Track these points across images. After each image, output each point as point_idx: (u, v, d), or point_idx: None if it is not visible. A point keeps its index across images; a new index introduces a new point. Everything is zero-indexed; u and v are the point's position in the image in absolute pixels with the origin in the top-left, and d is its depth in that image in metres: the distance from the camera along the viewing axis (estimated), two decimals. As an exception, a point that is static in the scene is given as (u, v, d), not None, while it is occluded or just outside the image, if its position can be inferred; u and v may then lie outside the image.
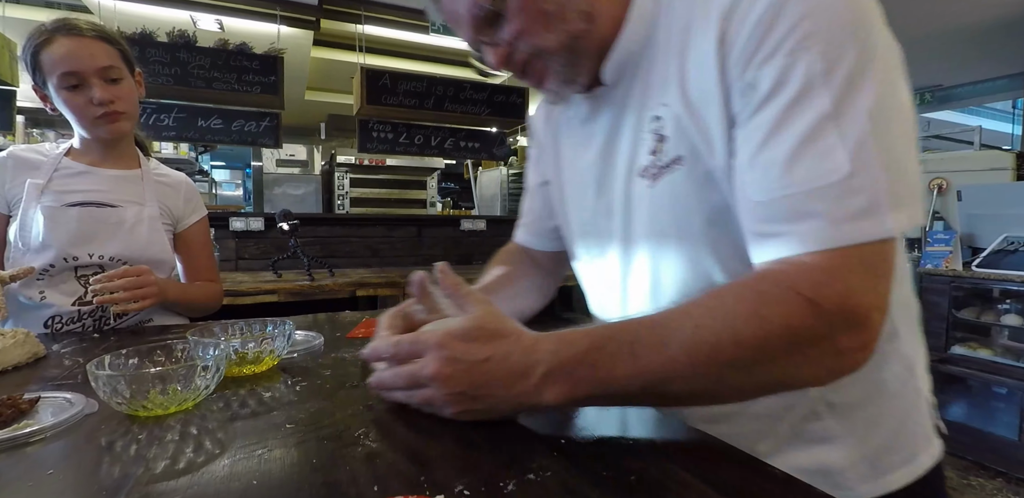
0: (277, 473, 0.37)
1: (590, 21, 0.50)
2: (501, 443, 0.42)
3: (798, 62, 0.40)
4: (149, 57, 2.74)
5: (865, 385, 0.51)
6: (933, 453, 0.55)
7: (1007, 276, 2.29)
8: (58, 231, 0.95)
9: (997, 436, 2.24)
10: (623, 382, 0.40)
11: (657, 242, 0.53)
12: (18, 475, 0.38)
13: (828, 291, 0.37)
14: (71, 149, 1.03)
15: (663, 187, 0.50)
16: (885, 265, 0.39)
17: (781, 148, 0.40)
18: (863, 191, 0.38)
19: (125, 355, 0.53)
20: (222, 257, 2.78)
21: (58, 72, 0.91)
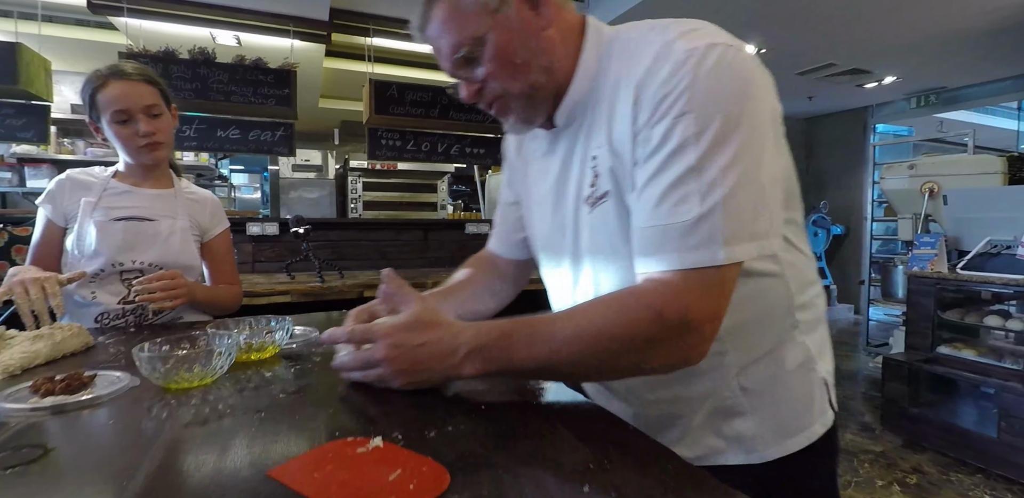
0: (268, 426, 0.52)
1: (549, 74, 0.62)
2: (434, 407, 0.56)
3: (678, 125, 0.52)
4: (172, 73, 2.94)
5: (770, 372, 0.64)
6: (826, 422, 0.68)
7: (989, 278, 2.37)
8: (108, 241, 1.12)
9: (978, 434, 2.31)
10: (522, 363, 0.55)
11: (596, 256, 0.65)
12: (86, 425, 0.53)
13: (671, 307, 0.50)
14: (117, 172, 1.21)
15: (598, 214, 0.62)
16: (721, 286, 0.52)
17: (656, 189, 0.53)
18: (704, 230, 0.50)
19: (159, 343, 0.69)
20: (239, 260, 2.96)
21: (111, 110, 1.09)
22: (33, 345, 0.74)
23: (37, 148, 3.95)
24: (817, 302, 0.69)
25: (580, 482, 0.40)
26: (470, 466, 0.43)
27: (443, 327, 0.58)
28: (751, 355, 0.64)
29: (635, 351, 0.52)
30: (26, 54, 2.76)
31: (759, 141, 0.53)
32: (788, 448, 0.65)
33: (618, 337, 0.52)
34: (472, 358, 0.55)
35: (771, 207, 0.54)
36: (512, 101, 0.63)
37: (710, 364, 0.62)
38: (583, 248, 0.66)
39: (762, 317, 0.64)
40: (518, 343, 0.54)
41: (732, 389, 0.64)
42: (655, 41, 0.55)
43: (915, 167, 3.12)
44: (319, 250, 3.17)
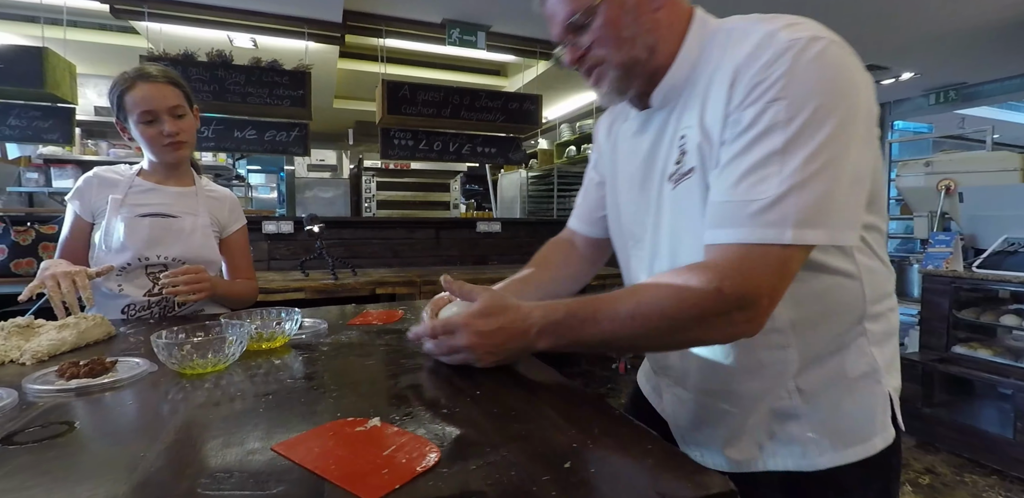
0: (275, 408, 0.55)
1: (651, 53, 0.64)
2: (431, 392, 0.59)
3: (769, 109, 0.53)
4: (191, 75, 3.02)
5: (831, 376, 0.64)
6: (886, 439, 0.65)
7: (1005, 277, 2.33)
8: (134, 237, 1.17)
9: (994, 434, 2.28)
10: (588, 338, 0.59)
11: (676, 235, 0.66)
12: (108, 405, 0.57)
13: (730, 281, 0.52)
14: (142, 170, 1.26)
15: (681, 191, 0.64)
16: (783, 265, 0.53)
17: (738, 168, 0.55)
18: (777, 210, 0.52)
19: (176, 331, 0.73)
20: (256, 258, 3.03)
21: (138, 111, 1.14)
22: (60, 334, 0.79)
23: (62, 149, 4.07)
24: (891, 316, 0.68)
25: (562, 460, 0.42)
26: (461, 444, 0.45)
27: (513, 310, 0.63)
28: (813, 353, 0.63)
29: (693, 327, 0.55)
30: (52, 58, 2.85)
31: (848, 137, 0.53)
32: (843, 458, 0.63)
33: (675, 314, 0.55)
34: (544, 335, 0.61)
35: (851, 202, 0.54)
36: (610, 70, 0.66)
37: (771, 358, 0.63)
38: (664, 226, 0.68)
39: (830, 316, 0.63)
40: (584, 320, 0.59)
41: (789, 389, 0.64)
42: (759, 30, 0.57)
43: (931, 164, 3.07)
44: (333, 248, 3.23)
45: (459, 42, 3.59)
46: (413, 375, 0.67)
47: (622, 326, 0.57)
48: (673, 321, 0.55)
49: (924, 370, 2.52)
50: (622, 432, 0.48)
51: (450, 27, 3.55)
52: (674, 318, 0.55)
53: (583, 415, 0.53)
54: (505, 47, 3.85)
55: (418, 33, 3.64)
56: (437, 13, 3.46)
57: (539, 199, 5.95)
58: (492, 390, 0.61)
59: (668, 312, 0.55)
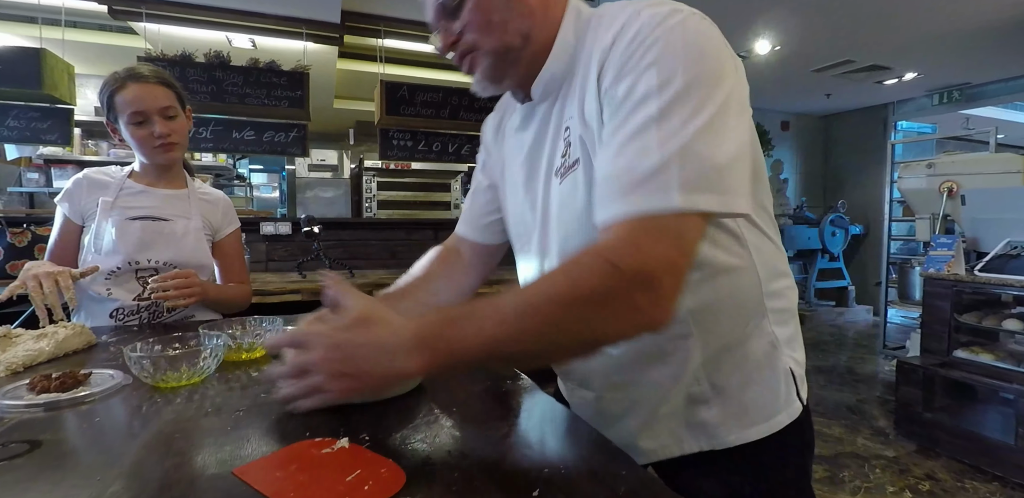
0: (244, 426, 0.54)
1: (525, 40, 0.62)
2: (406, 409, 0.58)
3: (640, 80, 0.52)
4: (189, 76, 3.01)
5: (736, 360, 0.64)
6: (792, 413, 0.66)
7: (1008, 281, 2.30)
8: (125, 240, 1.15)
9: (995, 440, 2.26)
10: (472, 348, 0.48)
11: (564, 230, 0.63)
12: (76, 422, 0.56)
13: (625, 255, 0.47)
14: (133, 172, 1.24)
15: (567, 185, 0.61)
16: (679, 235, 0.48)
17: (616, 140, 0.52)
18: (660, 177, 0.48)
19: (152, 343, 0.71)
20: (253, 259, 3.02)
21: (128, 111, 1.12)
22: (36, 343, 0.78)
23: (63, 150, 4.07)
24: (788, 294, 0.69)
25: (532, 487, 0.41)
26: (429, 468, 0.44)
27: (383, 324, 0.51)
28: (718, 341, 0.63)
29: (590, 311, 0.47)
30: (50, 59, 2.85)
31: (724, 102, 0.52)
32: (749, 436, 0.64)
33: (569, 298, 0.47)
34: (418, 353, 0.48)
35: (736, 169, 0.51)
36: (482, 57, 0.63)
37: (674, 347, 0.62)
38: (551, 223, 0.65)
39: (729, 301, 0.63)
40: (464, 325, 0.48)
41: (698, 378, 0.64)
42: (624, 11, 0.57)
43: (934, 166, 3.05)
44: (331, 249, 3.22)
45: (458, 42, 3.58)
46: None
47: (509, 326, 0.47)
48: (567, 309, 0.46)
49: (925, 374, 2.49)
50: (596, 456, 0.47)
51: (449, 27, 3.54)
52: (568, 305, 0.46)
53: (560, 436, 0.51)
54: (504, 47, 3.83)
55: (417, 33, 3.63)
56: (436, 13, 3.45)
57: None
58: (471, 408, 0.59)
59: (559, 299, 0.46)
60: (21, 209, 3.86)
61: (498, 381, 0.69)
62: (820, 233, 5.31)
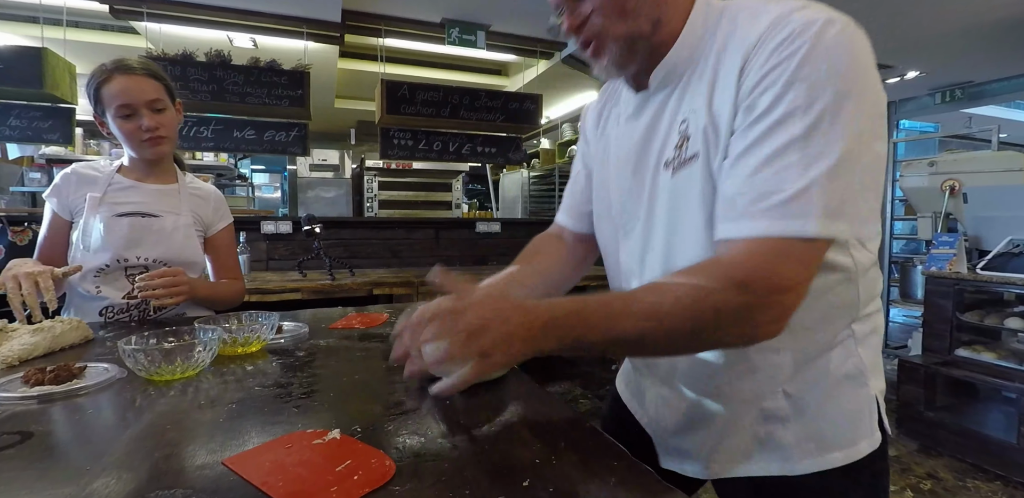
0: (236, 418, 0.54)
1: (656, 27, 0.60)
2: (399, 402, 0.57)
3: (787, 94, 0.49)
4: (189, 75, 3.02)
5: (816, 378, 0.61)
6: (873, 443, 0.63)
7: (1010, 279, 2.29)
8: (113, 237, 1.13)
9: (997, 439, 2.24)
10: (598, 337, 0.50)
11: (672, 225, 0.61)
12: (69, 414, 0.56)
13: (756, 275, 0.48)
14: (122, 166, 1.22)
15: (681, 178, 0.59)
16: (807, 260, 0.49)
17: (756, 157, 0.51)
18: (801, 201, 0.48)
19: (147, 336, 0.71)
20: (254, 258, 3.03)
21: (115, 104, 1.09)
22: (32, 338, 0.78)
23: (64, 149, 4.09)
24: (877, 317, 0.66)
25: (522, 477, 0.41)
26: (420, 459, 0.44)
27: (515, 302, 0.52)
28: (805, 356, 0.61)
29: (714, 328, 0.50)
30: (51, 59, 2.86)
31: (869, 122, 0.50)
32: (828, 463, 0.61)
33: (696, 314, 0.49)
34: (546, 336, 0.50)
35: (870, 194, 0.51)
36: (610, 42, 0.61)
37: (764, 361, 0.61)
38: (658, 216, 0.63)
39: (826, 318, 0.61)
40: (595, 318, 0.51)
41: (777, 393, 0.62)
42: (770, 11, 0.54)
43: (935, 164, 3.03)
44: (332, 248, 3.23)
45: (459, 41, 3.57)
46: (384, 383, 0.65)
47: (636, 326, 0.50)
48: (694, 322, 0.49)
49: (927, 373, 2.48)
50: (588, 446, 0.47)
51: (449, 26, 3.54)
52: (695, 318, 0.49)
53: (552, 428, 0.51)
54: (505, 46, 3.83)
55: (417, 32, 3.63)
56: (436, 12, 3.45)
57: (541, 199, 5.93)
58: (463, 400, 0.59)
59: (689, 312, 0.49)
60: (23, 208, 3.87)
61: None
62: (822, 232, 5.29)
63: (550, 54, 4.10)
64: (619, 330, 0.50)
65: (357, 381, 0.66)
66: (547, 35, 3.26)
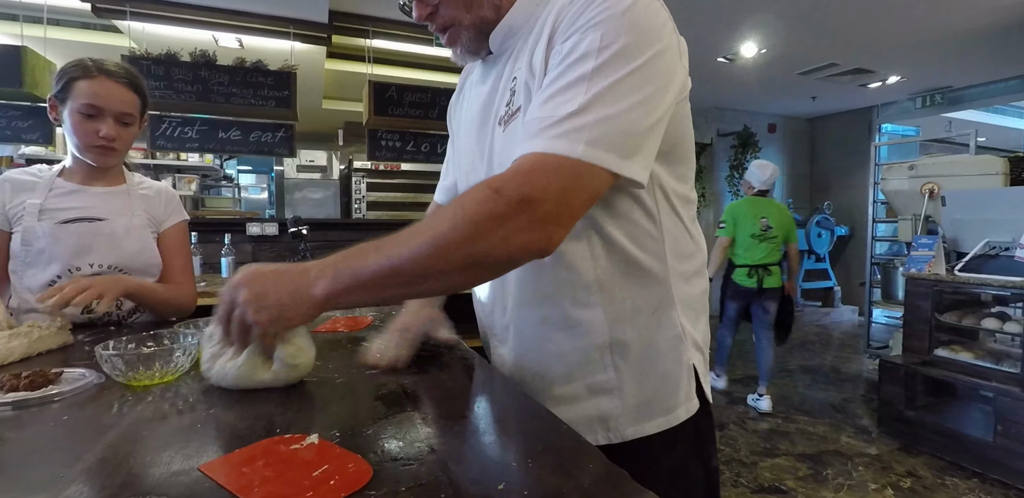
0: (214, 423, 0.54)
1: (497, 10, 0.66)
2: (378, 406, 0.58)
3: (585, 38, 0.56)
4: (173, 75, 2.99)
5: (640, 343, 0.66)
6: (690, 409, 0.68)
7: (986, 280, 2.34)
8: (60, 246, 1.05)
9: (974, 437, 2.29)
10: (371, 271, 0.52)
11: None
12: (43, 421, 0.55)
13: (510, 184, 0.52)
14: (64, 169, 1.13)
15: (509, 131, 0.64)
16: (574, 178, 0.52)
17: (549, 90, 0.56)
18: (570, 124, 0.52)
19: (125, 341, 0.71)
20: (240, 260, 3.00)
21: (84, 101, 1.02)
22: (9, 343, 0.77)
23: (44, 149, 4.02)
24: (697, 282, 0.71)
25: (497, 480, 0.41)
26: (397, 462, 0.44)
27: (289, 265, 0.57)
28: (623, 320, 0.65)
29: (472, 231, 0.50)
30: (31, 57, 2.81)
31: (654, 76, 0.56)
32: (645, 430, 0.66)
33: (455, 221, 0.51)
34: (321, 276, 0.53)
35: (645, 142, 0.56)
36: (462, 31, 0.68)
37: (579, 316, 0.65)
38: (494, 170, 0.67)
39: (633, 276, 0.65)
40: (364, 252, 0.53)
41: (604, 363, 0.66)
42: None
43: (915, 168, 3.09)
44: (318, 251, 3.20)
45: (447, 43, 3.58)
46: (365, 387, 0.65)
47: (402, 245, 0.51)
48: (453, 228, 0.50)
49: (907, 373, 2.53)
50: (565, 448, 0.47)
51: (437, 28, 3.54)
52: (454, 225, 0.50)
53: (530, 430, 0.51)
54: (493, 48, 3.84)
55: (405, 34, 3.63)
56: (424, 14, 3.45)
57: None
58: (442, 404, 0.59)
59: (447, 222, 0.51)
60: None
61: (471, 375, 0.69)
62: (806, 234, 5.37)
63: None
64: (393, 256, 0.51)
65: (338, 385, 0.66)
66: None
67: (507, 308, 0.71)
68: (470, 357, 0.80)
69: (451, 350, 0.83)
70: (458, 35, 0.68)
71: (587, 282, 0.64)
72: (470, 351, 0.82)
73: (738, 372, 3.70)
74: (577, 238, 0.64)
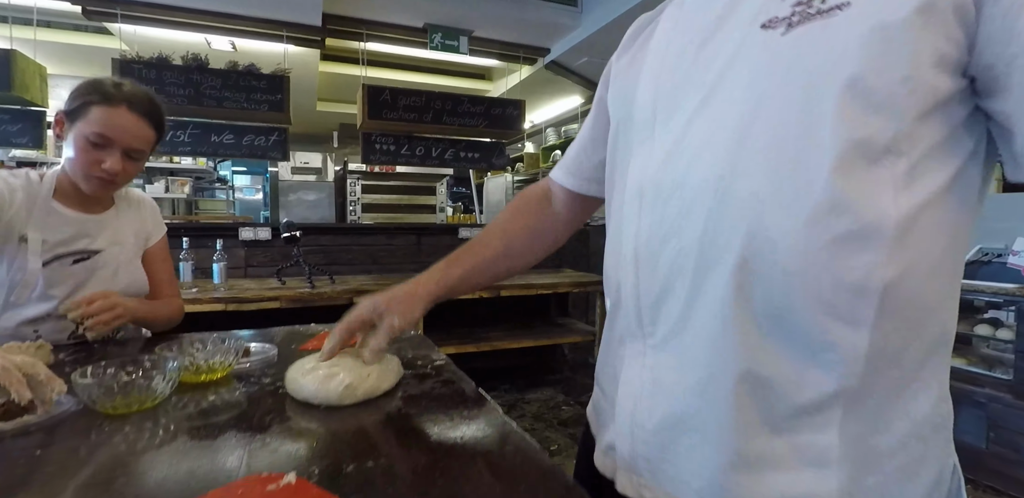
0: (188, 459, 0.52)
1: None
2: (361, 442, 0.56)
3: None
4: (165, 79, 2.96)
5: (886, 412, 0.41)
6: None
7: (978, 287, 2.34)
8: (58, 288, 1.01)
9: (967, 444, 2.29)
10: None
11: (758, 102, 0.42)
12: (18, 453, 0.53)
13: None
14: (57, 189, 1.04)
15: (804, 36, 0.40)
16: None
17: None
18: None
19: (104, 366, 0.69)
20: (232, 265, 2.97)
21: (97, 130, 0.96)
22: (-15, 366, 0.75)
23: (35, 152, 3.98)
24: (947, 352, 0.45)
25: (478, 525, 0.40)
26: (376, 505, 0.43)
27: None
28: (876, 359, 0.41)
29: None
30: (21, 61, 2.78)
31: None
32: None
33: None
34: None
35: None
36: None
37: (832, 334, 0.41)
38: (727, 89, 0.44)
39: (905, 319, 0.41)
40: None
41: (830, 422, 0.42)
42: None
43: (909, 173, 3.11)
44: (312, 255, 3.19)
45: (441, 47, 3.57)
46: (349, 417, 0.64)
47: None
48: None
49: (900, 379, 2.53)
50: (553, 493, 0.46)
51: (432, 31, 3.53)
52: None
53: (518, 473, 0.50)
54: (488, 51, 3.83)
55: (400, 37, 3.62)
56: (419, 17, 3.44)
57: (525, 203, 5.94)
58: (429, 440, 0.58)
59: None
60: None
61: (460, 409, 0.68)
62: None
63: (533, 60, 4.11)
64: None
65: (322, 415, 0.64)
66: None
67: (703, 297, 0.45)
68: (461, 382, 0.79)
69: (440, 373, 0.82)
70: None
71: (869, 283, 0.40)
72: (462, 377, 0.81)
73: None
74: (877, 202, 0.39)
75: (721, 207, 0.43)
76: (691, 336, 0.45)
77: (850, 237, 0.39)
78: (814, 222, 0.39)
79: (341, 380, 0.66)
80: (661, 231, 0.47)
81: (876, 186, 0.39)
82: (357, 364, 0.69)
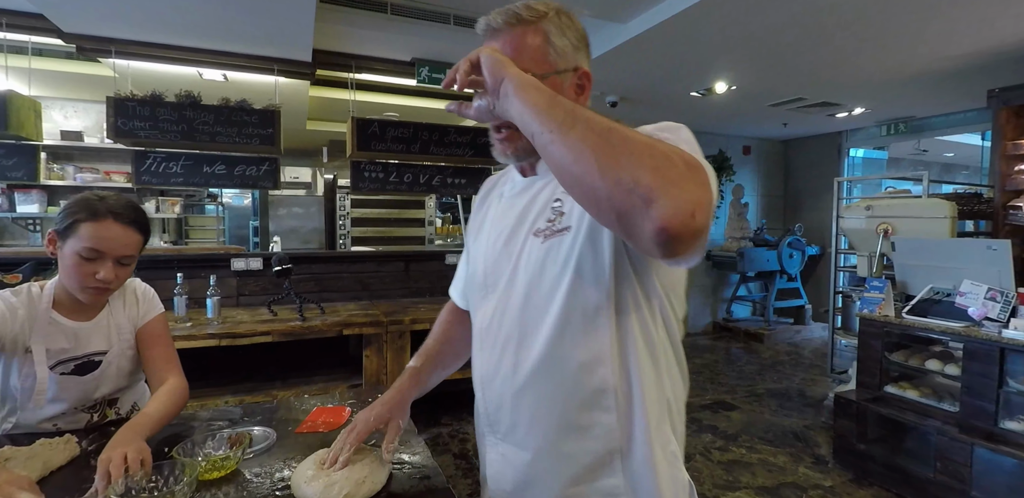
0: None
1: None
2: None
3: None
4: (159, 115, 3.05)
5: (645, 455, 0.70)
6: None
7: (929, 325, 2.52)
8: (69, 393, 1.10)
9: (918, 472, 2.47)
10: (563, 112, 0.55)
11: (532, 283, 0.73)
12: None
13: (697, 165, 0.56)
14: (55, 300, 1.11)
15: (551, 244, 0.72)
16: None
17: None
18: None
19: (127, 477, 0.80)
20: (224, 294, 3.07)
21: (88, 245, 1.03)
22: (24, 469, 0.86)
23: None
24: (680, 397, 0.78)
25: None
26: None
27: None
28: (629, 421, 0.71)
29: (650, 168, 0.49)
30: (16, 100, 2.85)
31: None
32: None
33: (645, 142, 0.52)
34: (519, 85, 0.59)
35: None
36: (522, 145, 0.74)
37: (592, 420, 0.71)
38: (520, 276, 0.75)
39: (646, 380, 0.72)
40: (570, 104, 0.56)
41: (615, 470, 0.71)
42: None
43: (872, 208, 3.27)
44: (302, 283, 3.29)
45: (428, 80, 3.68)
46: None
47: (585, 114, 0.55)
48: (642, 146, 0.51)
49: (858, 409, 2.70)
50: None
51: (419, 65, 3.64)
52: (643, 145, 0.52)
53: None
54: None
55: (388, 69, 3.72)
56: (406, 52, 3.54)
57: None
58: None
59: (640, 136, 0.53)
60: None
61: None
62: (778, 255, 5.57)
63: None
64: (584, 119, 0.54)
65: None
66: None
67: (520, 408, 0.74)
68: (434, 479, 0.91)
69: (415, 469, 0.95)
70: (516, 145, 0.75)
71: (607, 386, 0.70)
72: (436, 471, 0.93)
73: (708, 397, 3.86)
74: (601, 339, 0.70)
75: (519, 351, 0.75)
76: (520, 433, 0.76)
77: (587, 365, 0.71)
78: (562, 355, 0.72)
79: (340, 489, 0.78)
80: (491, 365, 0.79)
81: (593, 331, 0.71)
82: (353, 471, 0.82)
